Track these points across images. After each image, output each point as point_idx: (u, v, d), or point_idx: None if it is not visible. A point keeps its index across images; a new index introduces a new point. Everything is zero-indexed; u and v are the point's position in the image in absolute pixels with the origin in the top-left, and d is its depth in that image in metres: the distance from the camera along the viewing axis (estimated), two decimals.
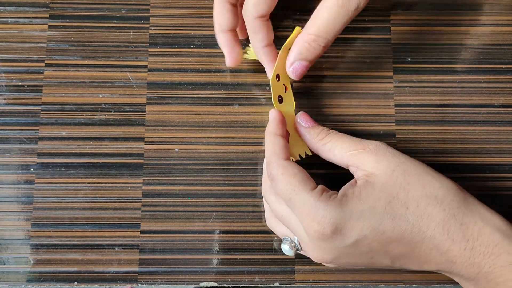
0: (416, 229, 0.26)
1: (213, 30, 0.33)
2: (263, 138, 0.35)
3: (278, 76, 0.32)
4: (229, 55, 0.33)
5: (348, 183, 0.29)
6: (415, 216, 0.26)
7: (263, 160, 0.35)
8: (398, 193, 0.27)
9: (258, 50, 0.33)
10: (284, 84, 0.32)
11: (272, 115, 0.31)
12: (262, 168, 0.35)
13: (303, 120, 0.32)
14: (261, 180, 0.34)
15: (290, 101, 0.33)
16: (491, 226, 0.26)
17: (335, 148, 0.30)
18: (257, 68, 0.35)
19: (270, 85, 0.31)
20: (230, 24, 0.32)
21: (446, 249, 0.26)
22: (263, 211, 0.34)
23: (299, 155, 0.32)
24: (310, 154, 0.32)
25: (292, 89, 0.34)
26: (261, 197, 0.34)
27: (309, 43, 0.30)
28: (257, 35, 0.32)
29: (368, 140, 0.29)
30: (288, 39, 0.31)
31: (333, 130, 0.31)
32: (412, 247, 0.27)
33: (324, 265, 0.34)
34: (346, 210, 0.26)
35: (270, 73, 0.33)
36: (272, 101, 0.31)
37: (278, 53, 0.32)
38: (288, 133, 0.32)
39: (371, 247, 0.27)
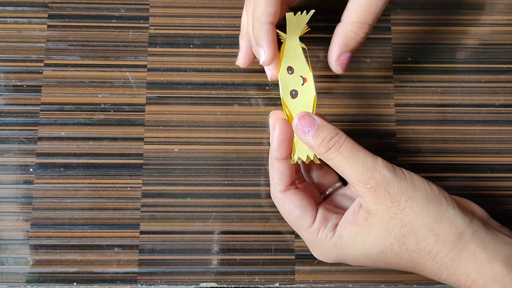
0: (410, 269, 0.28)
1: (212, 30, 0.33)
2: (263, 138, 0.35)
3: (290, 68, 0.30)
4: (272, 52, 0.29)
5: (349, 212, 0.29)
6: (408, 265, 0.27)
7: (263, 160, 0.35)
8: (393, 244, 0.27)
9: (260, 25, 0.29)
10: (301, 76, 0.30)
11: (276, 132, 0.29)
12: (262, 168, 0.35)
13: (299, 126, 0.29)
14: (261, 180, 0.34)
15: (309, 93, 0.30)
16: (486, 277, 0.25)
17: (337, 168, 0.28)
18: (257, 68, 0.35)
19: (279, 80, 0.29)
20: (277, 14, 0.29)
21: (437, 279, 0.28)
22: (263, 211, 0.34)
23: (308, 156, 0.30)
24: (318, 162, 0.30)
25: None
26: (261, 198, 0.34)
27: (355, 32, 0.29)
28: (269, 7, 0.29)
29: (373, 165, 0.27)
30: (288, 27, 0.29)
31: (335, 142, 0.28)
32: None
33: (324, 266, 0.34)
34: (341, 252, 0.28)
35: (270, 54, 0.29)
36: (281, 97, 0.29)
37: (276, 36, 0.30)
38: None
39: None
